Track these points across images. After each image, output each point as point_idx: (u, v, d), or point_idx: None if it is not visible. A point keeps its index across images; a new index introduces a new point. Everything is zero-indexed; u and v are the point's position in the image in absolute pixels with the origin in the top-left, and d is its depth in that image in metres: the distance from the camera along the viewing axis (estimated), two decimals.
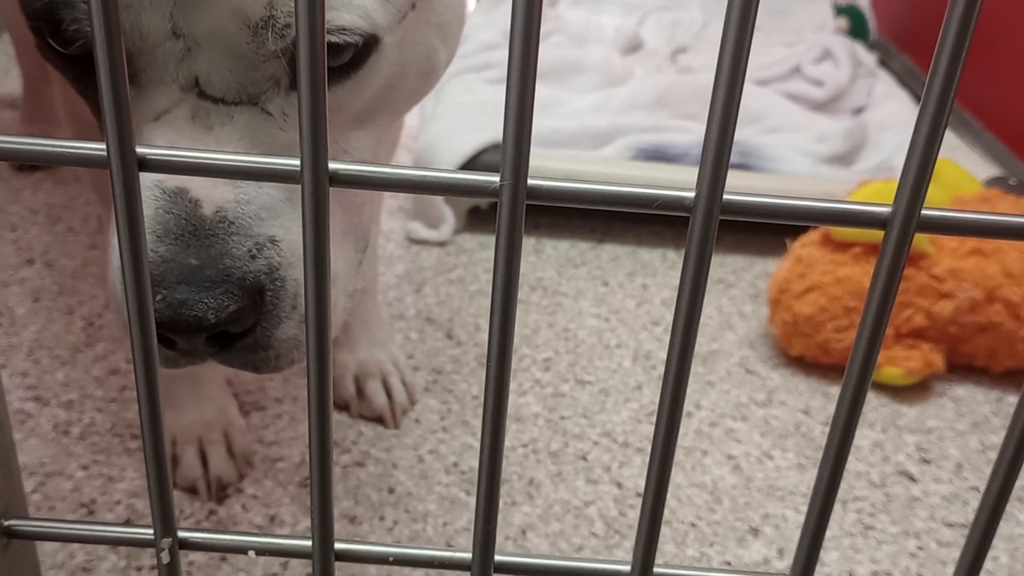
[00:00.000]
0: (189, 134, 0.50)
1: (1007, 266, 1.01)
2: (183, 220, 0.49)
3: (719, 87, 0.28)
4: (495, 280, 0.31)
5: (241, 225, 0.50)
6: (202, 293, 0.48)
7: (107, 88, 0.28)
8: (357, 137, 0.57)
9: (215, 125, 0.50)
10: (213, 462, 0.84)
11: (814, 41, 1.63)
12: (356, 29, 0.50)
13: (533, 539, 0.82)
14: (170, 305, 0.48)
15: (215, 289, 0.48)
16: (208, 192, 0.50)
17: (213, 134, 0.50)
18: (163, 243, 0.49)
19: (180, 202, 0.49)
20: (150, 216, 0.49)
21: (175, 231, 0.49)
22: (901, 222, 0.29)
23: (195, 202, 0.49)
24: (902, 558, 0.84)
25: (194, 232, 0.49)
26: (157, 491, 0.39)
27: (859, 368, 0.33)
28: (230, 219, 0.50)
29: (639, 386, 1.02)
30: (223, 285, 0.49)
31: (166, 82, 0.49)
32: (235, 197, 0.50)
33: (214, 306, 0.48)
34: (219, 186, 0.50)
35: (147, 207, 0.49)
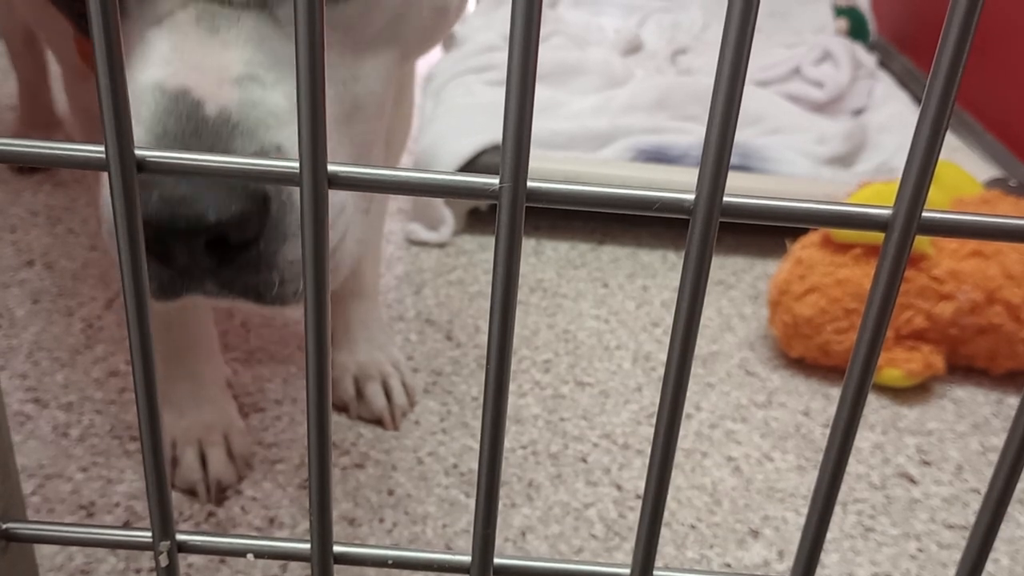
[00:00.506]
0: (194, 37, 0.48)
1: (1007, 268, 1.01)
2: (184, 119, 0.46)
3: (719, 89, 0.28)
4: (495, 282, 0.31)
5: (246, 128, 0.47)
6: (202, 190, 0.44)
7: (106, 90, 0.28)
8: (370, 66, 0.54)
9: (221, 28, 0.48)
10: (213, 464, 0.84)
11: (814, 42, 1.63)
12: None
13: (533, 541, 0.82)
14: (167, 201, 0.44)
15: (217, 187, 0.45)
16: (212, 92, 0.47)
17: (219, 37, 0.48)
18: (161, 143, 0.46)
19: (182, 103, 0.46)
20: (148, 118, 0.46)
21: (174, 131, 0.46)
22: (902, 224, 0.29)
23: (197, 103, 0.47)
24: (902, 560, 0.84)
25: (195, 132, 0.46)
26: (156, 494, 0.39)
27: (860, 370, 0.33)
28: (234, 121, 0.47)
29: (639, 388, 1.02)
30: (225, 184, 0.45)
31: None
32: (240, 98, 0.47)
33: (215, 203, 0.44)
34: (224, 86, 0.47)
35: (146, 110, 0.46)
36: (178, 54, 0.47)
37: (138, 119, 0.46)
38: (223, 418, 0.87)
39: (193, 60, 0.47)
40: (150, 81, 0.47)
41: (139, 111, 0.47)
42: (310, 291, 0.33)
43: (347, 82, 0.53)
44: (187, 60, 0.47)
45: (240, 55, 0.48)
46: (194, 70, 0.47)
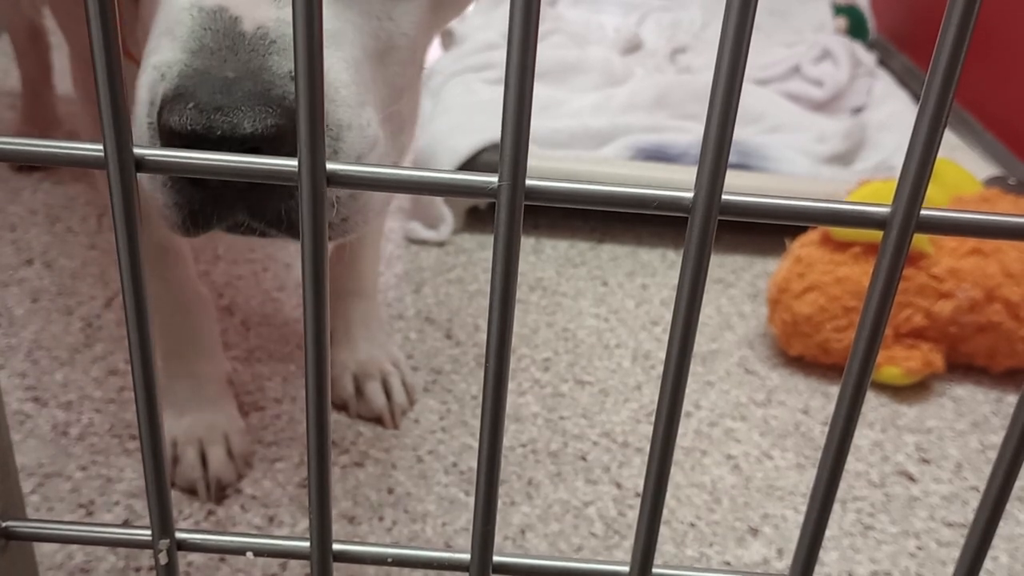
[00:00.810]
0: None
1: (1007, 266, 1.01)
2: (220, 35, 0.46)
3: (718, 87, 0.28)
4: (494, 280, 0.31)
5: (283, 46, 0.47)
6: (239, 101, 0.44)
7: (103, 88, 0.28)
8: (403, 7, 0.54)
9: None
10: (212, 464, 0.84)
11: (813, 41, 1.63)
12: None
13: (532, 539, 0.82)
14: (203, 111, 0.44)
15: (253, 101, 0.44)
16: (249, 9, 0.47)
17: None
18: (198, 57, 0.45)
19: (219, 19, 0.46)
20: (184, 34, 0.46)
21: (212, 46, 0.46)
22: (900, 222, 0.29)
23: (235, 19, 0.47)
24: (902, 558, 0.84)
25: (232, 47, 0.46)
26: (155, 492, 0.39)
27: (858, 368, 0.33)
28: (272, 38, 0.47)
29: (638, 386, 1.02)
30: (262, 98, 0.45)
31: None
32: (278, 16, 0.47)
33: (251, 116, 0.44)
34: (261, 4, 0.47)
35: (182, 26, 0.46)
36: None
37: (173, 36, 0.46)
38: (223, 417, 0.87)
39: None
40: (188, 0, 0.47)
41: (174, 29, 0.47)
42: (309, 289, 0.33)
43: (381, 17, 0.53)
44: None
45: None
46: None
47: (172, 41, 0.47)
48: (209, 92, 0.44)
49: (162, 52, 0.46)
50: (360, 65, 0.51)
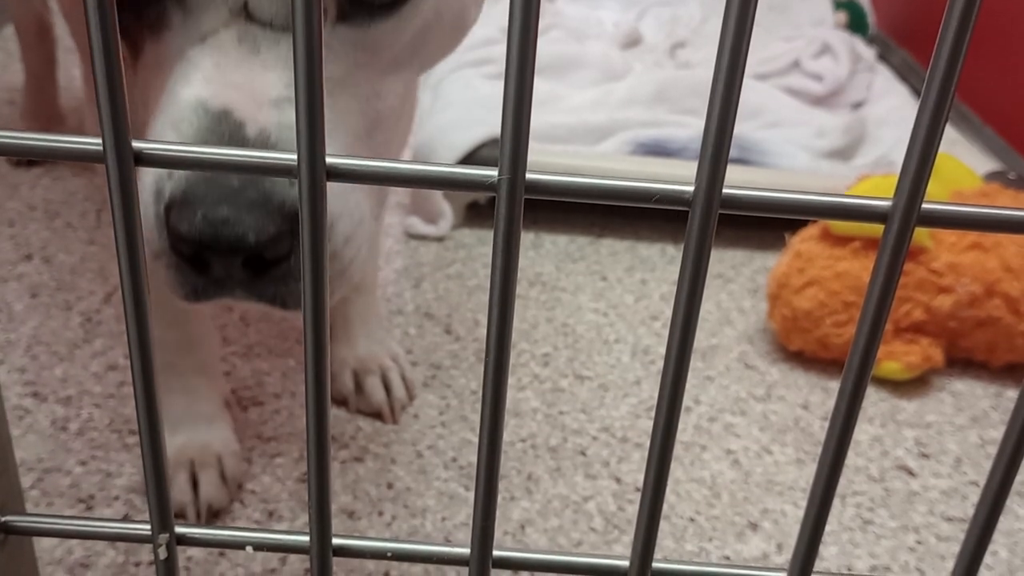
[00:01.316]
0: (235, 56, 0.50)
1: (1006, 260, 1.01)
2: (226, 140, 0.49)
3: (718, 81, 0.28)
4: (493, 274, 0.31)
5: (283, 149, 0.49)
6: (243, 212, 0.47)
7: (102, 82, 0.28)
8: (389, 83, 0.57)
9: (262, 49, 0.50)
10: (204, 488, 0.82)
11: (813, 36, 1.62)
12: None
13: (532, 534, 0.82)
14: (211, 223, 0.47)
15: (256, 210, 0.47)
16: (252, 113, 0.49)
17: (260, 58, 0.50)
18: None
19: (224, 123, 0.49)
20: (191, 134, 0.49)
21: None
22: (901, 216, 0.29)
23: (239, 123, 0.49)
24: (901, 552, 0.84)
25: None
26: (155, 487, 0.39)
27: (859, 362, 0.33)
28: (272, 142, 0.49)
29: (638, 381, 1.02)
30: (264, 207, 0.48)
31: (216, 4, 0.49)
32: (279, 121, 0.49)
33: (255, 226, 0.47)
34: (263, 108, 0.49)
35: (188, 126, 0.49)
36: (220, 73, 0.50)
37: (179, 133, 0.49)
38: (218, 438, 0.85)
39: (235, 80, 0.50)
40: (193, 98, 0.49)
41: (180, 126, 0.49)
42: (308, 285, 0.33)
43: (370, 99, 0.56)
44: (229, 80, 0.50)
45: (279, 77, 0.50)
46: (236, 90, 0.50)
47: (179, 137, 0.49)
48: (216, 200, 0.47)
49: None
50: (351, 148, 0.54)
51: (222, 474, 0.83)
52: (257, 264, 0.50)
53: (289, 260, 0.51)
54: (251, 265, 0.50)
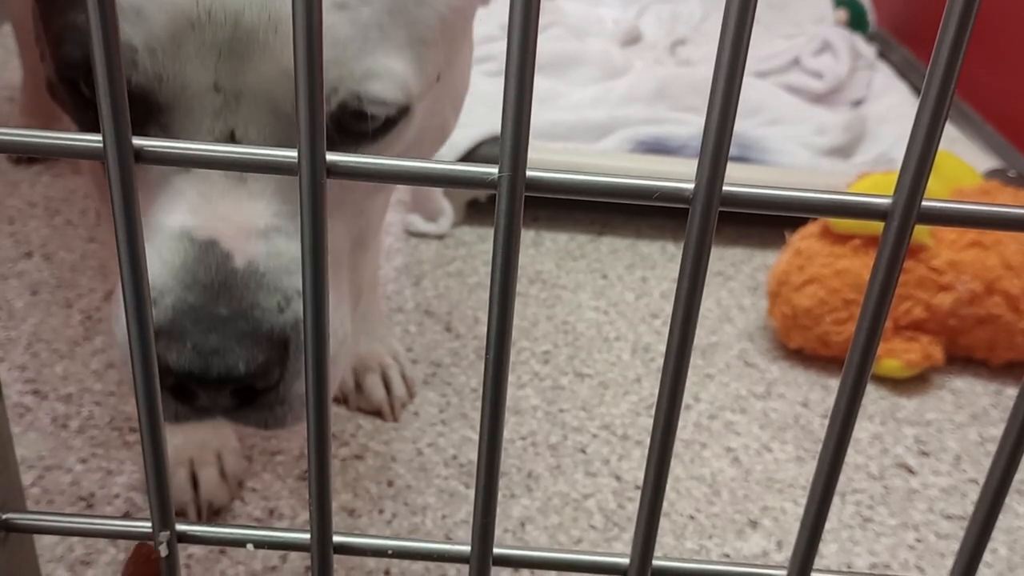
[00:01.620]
0: (221, 186, 0.49)
1: (1006, 258, 1.01)
2: (213, 271, 0.48)
3: (719, 78, 0.28)
4: (494, 272, 0.31)
5: (272, 278, 0.49)
6: (233, 343, 0.47)
7: (103, 79, 0.28)
8: (372, 200, 0.58)
9: (248, 179, 0.50)
10: (205, 486, 0.82)
11: (813, 33, 1.62)
12: (395, 102, 0.50)
13: (532, 532, 0.83)
14: (201, 354, 0.46)
15: (246, 340, 0.47)
16: (240, 245, 0.49)
17: (245, 188, 0.50)
18: (192, 292, 0.48)
19: (211, 254, 0.48)
20: (179, 266, 0.48)
21: (204, 281, 0.48)
22: (902, 213, 0.29)
23: (226, 255, 0.49)
24: (901, 550, 0.84)
25: (224, 283, 0.48)
26: (156, 484, 0.39)
27: (859, 360, 0.33)
28: (261, 271, 0.49)
29: (638, 379, 1.02)
30: (253, 336, 0.47)
31: (202, 134, 0.49)
32: (267, 250, 0.49)
33: (245, 357, 0.47)
34: (251, 239, 0.49)
35: (176, 258, 0.48)
36: (206, 203, 0.49)
37: (164, 263, 0.49)
38: (217, 436, 0.85)
39: (221, 210, 0.49)
40: (179, 228, 0.49)
41: (166, 256, 0.49)
42: (309, 283, 0.33)
43: (355, 217, 0.56)
44: (215, 210, 0.49)
45: (266, 207, 0.50)
46: (222, 220, 0.49)
47: (163, 265, 0.48)
48: (204, 331, 0.47)
49: (152, 272, 0.48)
50: (336, 268, 0.54)
51: (222, 472, 0.83)
52: (245, 393, 0.49)
53: (278, 388, 0.50)
54: (239, 394, 0.49)
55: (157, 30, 0.46)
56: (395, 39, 0.50)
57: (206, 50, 0.47)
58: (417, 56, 0.52)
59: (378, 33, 0.49)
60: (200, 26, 0.46)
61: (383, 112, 0.50)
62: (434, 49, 0.53)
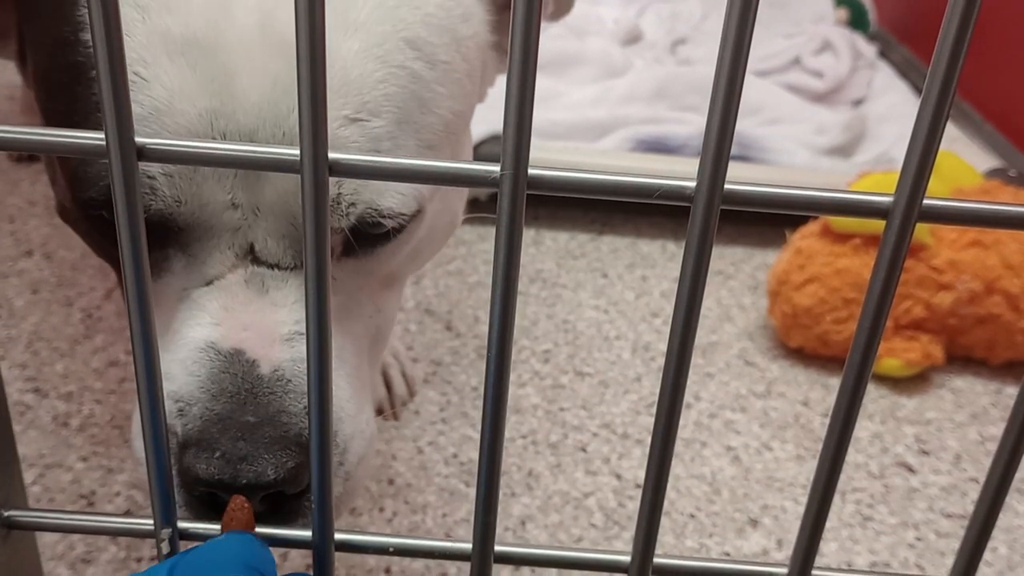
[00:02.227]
0: (243, 298, 0.50)
1: (1006, 258, 1.01)
2: (240, 379, 0.49)
3: (720, 76, 0.28)
4: (495, 269, 0.31)
5: (298, 383, 0.49)
6: (261, 450, 0.47)
7: (106, 77, 0.28)
8: (387, 296, 0.59)
9: (270, 289, 0.50)
10: None
11: (814, 32, 1.62)
12: (410, 212, 0.51)
13: (532, 530, 0.83)
14: (229, 461, 0.46)
15: (274, 446, 0.47)
16: (265, 352, 0.50)
17: (268, 298, 0.50)
18: (218, 402, 0.48)
19: (237, 363, 0.49)
20: (205, 377, 0.49)
21: (231, 390, 0.48)
22: (903, 211, 0.29)
23: (252, 363, 0.49)
24: (901, 549, 0.84)
25: (251, 391, 0.49)
26: (157, 482, 0.39)
27: (859, 359, 0.33)
28: (288, 378, 0.49)
29: (638, 378, 1.02)
30: (282, 442, 0.47)
31: (221, 249, 0.50)
32: (292, 357, 0.50)
33: (274, 462, 0.47)
34: (276, 346, 0.50)
35: (202, 368, 0.49)
36: (229, 314, 0.50)
37: (191, 374, 0.49)
38: None
39: (244, 320, 0.50)
40: (203, 340, 0.49)
41: (192, 368, 0.49)
42: (311, 280, 0.33)
43: (372, 316, 0.57)
44: (239, 320, 0.50)
45: (289, 315, 0.50)
46: (246, 330, 0.50)
47: (189, 376, 0.49)
48: (233, 440, 0.47)
49: (177, 382, 0.49)
50: (358, 369, 0.55)
51: None
52: (275, 500, 0.49)
53: (308, 493, 0.49)
54: (269, 501, 0.49)
55: None
56: (406, 148, 0.51)
57: (222, 170, 0.48)
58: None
59: (390, 144, 0.50)
60: None
61: (398, 223, 0.52)
62: (441, 152, 0.55)
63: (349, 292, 0.55)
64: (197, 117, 0.46)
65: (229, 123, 0.47)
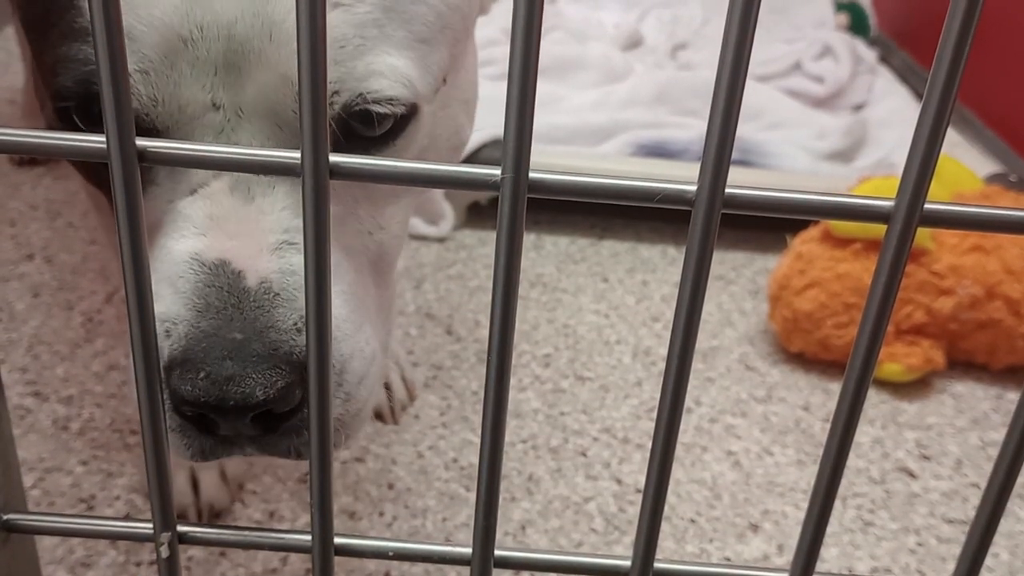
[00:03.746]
0: (228, 206, 0.48)
1: (1007, 263, 1.01)
2: (226, 293, 0.47)
3: (721, 81, 0.28)
4: (496, 273, 0.31)
5: (287, 297, 0.47)
6: (249, 368, 0.45)
7: (107, 78, 0.28)
8: (390, 213, 0.56)
9: (256, 196, 0.48)
10: (205, 488, 0.81)
11: (814, 37, 1.62)
12: (402, 99, 0.49)
13: (532, 535, 0.82)
14: (215, 382, 0.45)
15: (262, 364, 0.45)
16: (252, 263, 0.47)
17: (254, 205, 0.48)
18: (204, 318, 0.46)
19: (222, 275, 0.47)
20: (188, 290, 0.47)
21: (217, 305, 0.46)
22: (904, 215, 0.29)
23: (238, 274, 0.47)
24: (902, 554, 0.84)
25: (237, 305, 0.47)
26: (156, 486, 0.39)
27: (860, 364, 0.33)
28: (275, 291, 0.47)
29: (639, 382, 1.02)
30: (270, 360, 0.45)
31: None
32: (279, 268, 0.47)
33: (262, 382, 0.45)
34: (263, 256, 0.48)
35: (186, 282, 0.47)
36: (214, 223, 0.48)
37: (176, 291, 0.47)
38: None
39: (230, 229, 0.48)
40: (187, 251, 0.47)
41: (176, 281, 0.47)
42: (311, 282, 0.33)
43: (373, 231, 0.55)
44: (224, 229, 0.48)
45: (276, 222, 0.48)
46: (232, 239, 0.48)
47: (175, 294, 0.47)
48: (219, 358, 0.45)
49: (164, 302, 0.47)
50: (355, 286, 0.52)
51: (223, 474, 0.83)
52: (267, 419, 0.47)
53: (301, 411, 0.48)
54: (261, 421, 0.47)
55: (148, 51, 0.45)
56: (394, 38, 0.49)
57: (201, 67, 0.46)
58: (419, 55, 0.51)
59: (376, 31, 0.48)
60: (193, 42, 0.45)
61: (389, 111, 0.49)
62: (436, 49, 0.52)
63: (345, 203, 0.52)
64: (172, 7, 0.44)
65: (206, 14, 0.45)
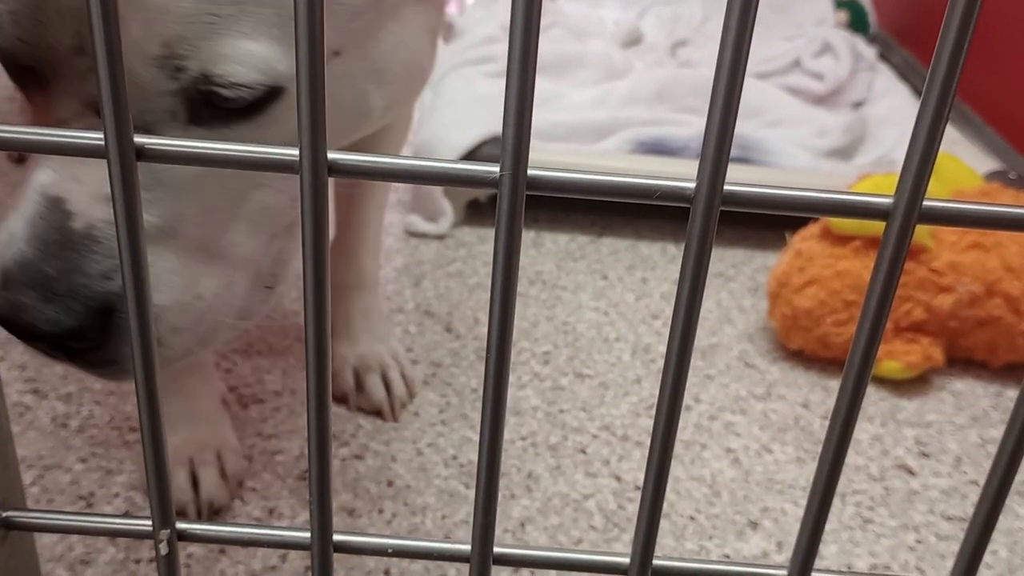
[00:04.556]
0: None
1: (1007, 260, 1.01)
2: (52, 230, 0.49)
3: (720, 78, 0.28)
4: (495, 271, 0.31)
5: (107, 246, 0.50)
6: (42, 303, 0.48)
7: (105, 78, 0.28)
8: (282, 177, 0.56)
9: None
10: (205, 485, 0.81)
11: (814, 35, 1.62)
12: (255, 84, 0.48)
13: (532, 532, 0.82)
14: (12, 306, 0.48)
15: (56, 302, 0.48)
16: (85, 208, 0.50)
17: None
18: (31, 246, 0.49)
19: (55, 212, 0.50)
20: (28, 219, 0.50)
21: (43, 236, 0.49)
22: (903, 212, 0.29)
23: (68, 214, 0.50)
24: (901, 551, 0.84)
25: (58, 243, 0.49)
26: (155, 483, 0.39)
27: (859, 361, 0.33)
28: (97, 237, 0.49)
29: (638, 380, 1.02)
30: (66, 300, 0.49)
31: (68, 94, 0.50)
32: (108, 218, 0.49)
33: (50, 318, 0.48)
34: (97, 204, 0.50)
35: (27, 207, 0.50)
36: (68, 163, 0.50)
37: (20, 215, 0.50)
38: (216, 436, 0.84)
39: (77, 172, 0.50)
40: (39, 181, 0.51)
41: (23, 208, 0.50)
42: (310, 282, 0.33)
43: (252, 190, 0.55)
44: (72, 171, 0.50)
45: None
46: (75, 181, 0.50)
47: (19, 217, 0.50)
48: (25, 285, 0.49)
49: (12, 221, 0.51)
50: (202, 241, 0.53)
51: (222, 471, 0.83)
52: (67, 348, 0.50)
53: (101, 348, 0.51)
54: (62, 347, 0.50)
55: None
56: (257, 15, 0.47)
57: (64, 15, 0.47)
58: (289, 34, 0.48)
59: (234, 8, 0.46)
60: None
61: (240, 95, 0.49)
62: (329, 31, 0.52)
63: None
64: None
65: None
